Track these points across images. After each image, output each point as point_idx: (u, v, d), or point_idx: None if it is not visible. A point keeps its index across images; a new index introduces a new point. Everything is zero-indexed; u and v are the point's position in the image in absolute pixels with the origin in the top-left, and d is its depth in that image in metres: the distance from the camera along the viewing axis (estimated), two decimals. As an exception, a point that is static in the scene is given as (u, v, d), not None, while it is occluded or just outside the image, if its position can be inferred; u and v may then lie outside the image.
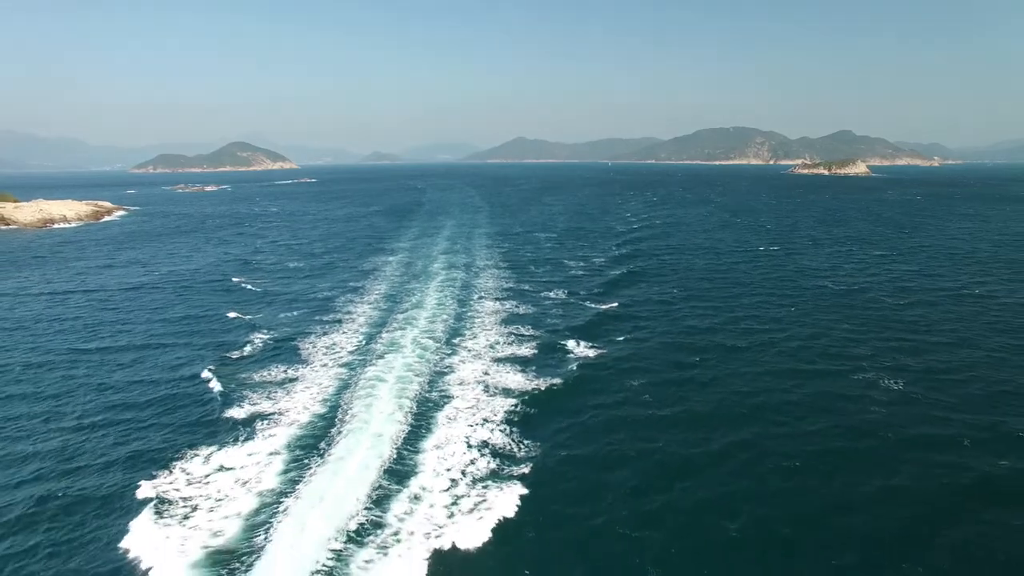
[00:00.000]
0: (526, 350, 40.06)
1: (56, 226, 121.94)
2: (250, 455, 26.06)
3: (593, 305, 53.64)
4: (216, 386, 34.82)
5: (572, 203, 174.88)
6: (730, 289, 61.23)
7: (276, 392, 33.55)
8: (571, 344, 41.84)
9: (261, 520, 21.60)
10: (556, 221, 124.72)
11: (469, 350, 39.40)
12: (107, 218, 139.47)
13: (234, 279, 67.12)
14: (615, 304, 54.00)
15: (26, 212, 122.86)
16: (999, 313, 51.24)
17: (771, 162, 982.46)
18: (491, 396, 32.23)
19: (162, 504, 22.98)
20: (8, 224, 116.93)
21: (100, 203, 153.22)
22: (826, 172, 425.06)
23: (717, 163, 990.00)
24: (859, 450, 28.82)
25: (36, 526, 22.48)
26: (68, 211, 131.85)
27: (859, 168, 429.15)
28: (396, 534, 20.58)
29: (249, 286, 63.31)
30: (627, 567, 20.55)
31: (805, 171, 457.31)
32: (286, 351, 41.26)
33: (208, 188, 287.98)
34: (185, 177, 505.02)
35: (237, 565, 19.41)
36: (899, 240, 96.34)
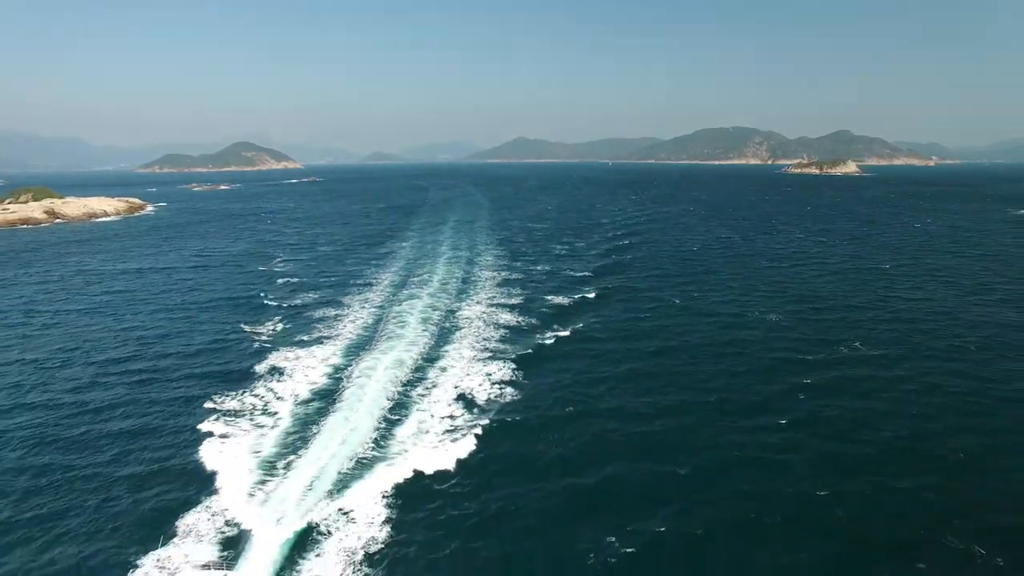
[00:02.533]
0: (515, 300, 53.56)
1: (99, 219, 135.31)
2: (320, 351, 39.58)
3: (571, 274, 66.96)
4: (282, 323, 48.16)
5: (567, 200, 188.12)
6: (686, 267, 74.43)
7: (330, 324, 46.86)
8: (550, 297, 55.25)
9: (339, 376, 35.19)
10: (550, 215, 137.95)
11: (472, 299, 52.98)
12: (142, 212, 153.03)
13: (274, 258, 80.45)
14: (589, 274, 67.32)
15: (72, 207, 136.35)
16: (888, 282, 64.59)
17: (769, 162, 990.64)
18: (488, 326, 45.60)
19: (267, 372, 36.16)
20: (58, 218, 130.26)
21: (131, 200, 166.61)
22: (817, 172, 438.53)
23: (716, 163, 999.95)
24: (739, 360, 41.98)
25: (130, 416, 35.33)
26: (108, 206, 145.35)
27: (849, 168, 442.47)
28: (435, 384, 34.07)
29: (288, 263, 76.59)
30: (584, 416, 33.63)
31: (797, 171, 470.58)
32: (330, 302, 54.50)
33: (222, 187, 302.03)
34: (193, 177, 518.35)
35: (333, 399, 32.53)
36: (848, 230, 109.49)
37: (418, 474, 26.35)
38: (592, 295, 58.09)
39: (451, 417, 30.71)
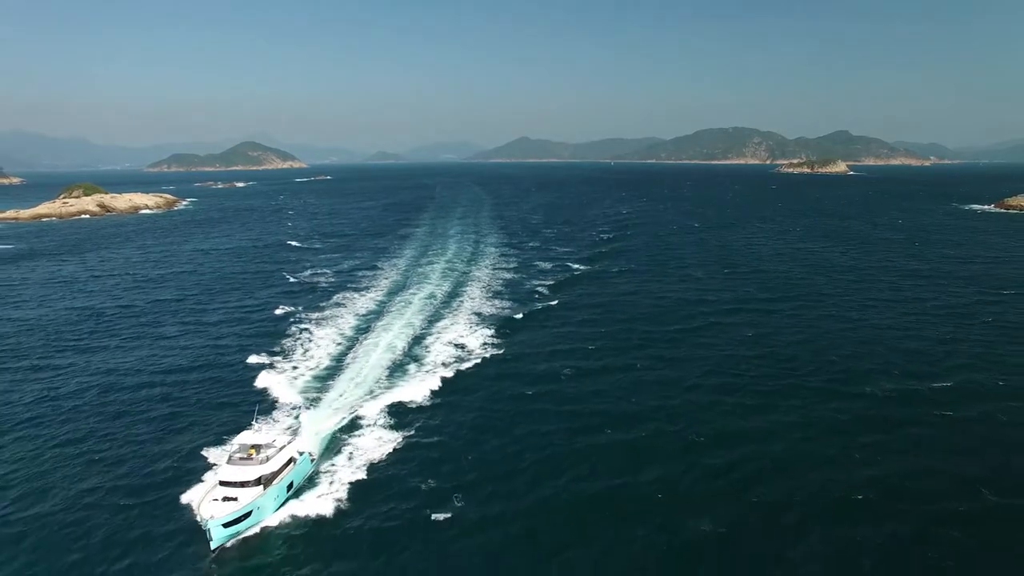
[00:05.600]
0: (512, 267, 70.34)
1: (143, 212, 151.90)
2: (363, 295, 56.07)
3: (557, 250, 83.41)
4: (330, 279, 64.67)
5: (563, 198, 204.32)
6: (654, 248, 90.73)
7: (370, 282, 63.43)
8: (539, 263, 72.25)
9: (379, 307, 51.71)
10: (545, 210, 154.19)
11: (479, 265, 69.66)
12: (178, 207, 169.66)
13: (310, 241, 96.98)
14: (572, 250, 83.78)
15: (120, 201, 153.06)
16: (821, 262, 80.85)
17: (768, 161, 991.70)
18: (493, 282, 62.19)
19: (333, 305, 52.36)
20: (109, 211, 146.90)
21: (167, 196, 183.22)
22: (809, 171, 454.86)
23: (715, 163, 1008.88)
24: (672, 308, 58.22)
25: (198, 361, 51.49)
26: (149, 201, 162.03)
27: (840, 168, 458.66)
28: (457, 310, 50.56)
29: (323, 244, 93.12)
30: (561, 337, 49.78)
31: (790, 170, 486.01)
32: (366, 266, 71.41)
33: (238, 184, 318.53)
34: (203, 175, 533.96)
35: (379, 322, 48.67)
36: (802, 221, 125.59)
37: (446, 374, 42.22)
38: (575, 266, 74.38)
39: (469, 330, 47.05)
